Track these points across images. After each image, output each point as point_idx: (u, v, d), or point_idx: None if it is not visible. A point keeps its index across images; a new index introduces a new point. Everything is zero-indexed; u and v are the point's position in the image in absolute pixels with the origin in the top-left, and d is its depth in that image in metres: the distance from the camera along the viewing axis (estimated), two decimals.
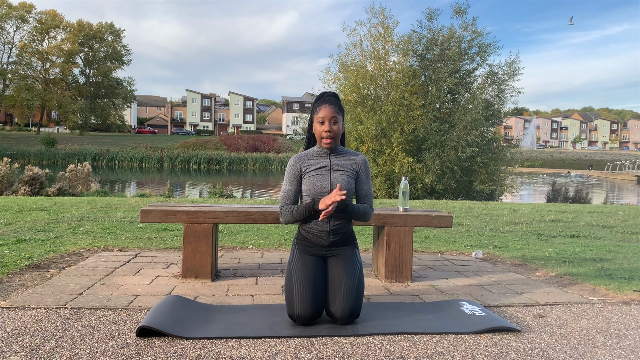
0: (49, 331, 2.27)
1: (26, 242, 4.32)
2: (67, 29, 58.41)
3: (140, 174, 34.24)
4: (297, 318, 2.42)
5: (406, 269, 3.42)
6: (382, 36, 16.50)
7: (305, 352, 2.13)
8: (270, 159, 44.94)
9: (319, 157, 2.63)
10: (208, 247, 3.27)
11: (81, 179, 13.95)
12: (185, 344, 2.18)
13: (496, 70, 16.31)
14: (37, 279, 3.17)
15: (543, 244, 5.17)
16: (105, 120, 61.83)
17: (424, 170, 15.17)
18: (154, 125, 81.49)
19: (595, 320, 2.73)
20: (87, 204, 7.33)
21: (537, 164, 47.63)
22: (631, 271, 3.91)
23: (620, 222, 7.20)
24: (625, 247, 5.07)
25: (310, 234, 2.60)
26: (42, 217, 5.86)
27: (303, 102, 76.95)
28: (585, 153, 74.56)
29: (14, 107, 56.36)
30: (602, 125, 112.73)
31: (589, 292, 3.32)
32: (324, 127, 2.56)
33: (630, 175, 44.34)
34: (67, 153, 41.41)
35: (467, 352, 2.19)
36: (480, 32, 16.24)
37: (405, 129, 15.44)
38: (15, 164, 13.20)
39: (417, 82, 16.16)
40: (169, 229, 5.34)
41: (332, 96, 2.63)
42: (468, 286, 3.39)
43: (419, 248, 4.78)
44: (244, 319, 2.51)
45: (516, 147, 18.65)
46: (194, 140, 55.99)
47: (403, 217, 3.38)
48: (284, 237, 5.14)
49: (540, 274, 3.84)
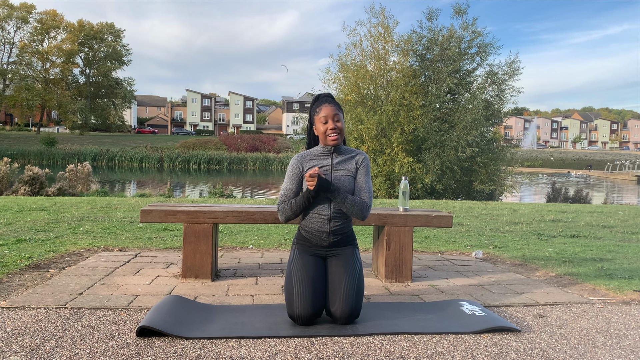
0: (49, 331, 2.27)
1: (26, 242, 4.32)
2: (67, 29, 58.39)
3: (140, 174, 34.24)
4: (297, 318, 2.42)
5: (406, 268, 3.42)
6: (382, 36, 16.51)
7: (305, 352, 2.13)
8: (270, 158, 44.94)
9: (321, 157, 2.63)
10: (208, 247, 3.27)
11: (81, 179, 13.96)
12: (185, 344, 2.18)
13: (496, 70, 16.35)
14: (37, 279, 3.17)
15: (543, 244, 5.17)
16: (105, 120, 61.82)
17: (424, 170, 15.17)
18: (154, 125, 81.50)
19: (595, 320, 2.73)
20: (87, 204, 7.33)
21: (537, 164, 47.61)
22: (631, 271, 3.91)
23: (620, 222, 7.20)
24: (625, 247, 5.07)
25: (311, 234, 2.60)
26: (42, 217, 5.87)
27: (303, 102, 77.05)
28: (586, 153, 74.56)
29: (14, 107, 56.37)
30: (602, 125, 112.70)
31: (589, 292, 3.32)
32: (328, 125, 2.56)
33: (630, 175, 44.34)
34: (67, 153, 41.43)
35: (467, 352, 2.19)
36: (480, 32, 16.27)
37: (405, 128, 15.45)
38: (15, 164, 13.21)
39: (417, 82, 16.17)
40: (169, 229, 5.34)
41: (329, 96, 2.66)
42: (468, 286, 3.39)
43: (419, 248, 4.78)
44: (244, 319, 2.51)
45: (516, 147, 18.66)
46: (194, 140, 55.98)
47: (403, 217, 3.38)
48: (284, 237, 5.14)
49: (540, 274, 3.84)
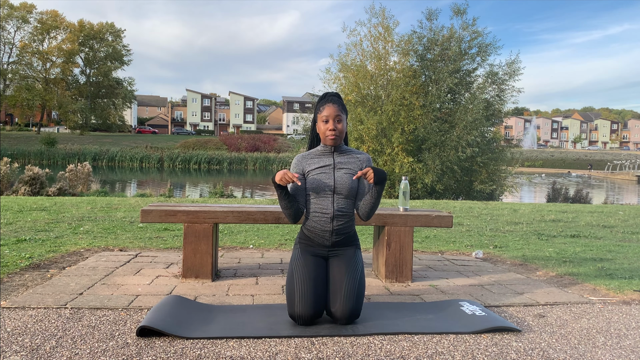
0: (49, 331, 2.27)
1: (26, 242, 4.32)
2: (67, 29, 58.38)
3: (141, 174, 34.23)
4: (298, 318, 2.42)
5: (406, 268, 3.42)
6: (382, 36, 16.51)
7: (306, 352, 2.13)
8: (271, 158, 44.92)
9: (323, 156, 2.64)
10: (208, 247, 3.27)
11: (81, 179, 13.96)
12: (185, 344, 2.18)
13: (496, 70, 16.35)
14: (38, 279, 3.17)
15: (543, 244, 5.17)
16: (106, 120, 61.78)
17: (424, 170, 15.17)
18: (154, 125, 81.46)
19: (596, 320, 2.73)
20: (87, 204, 7.33)
21: (538, 164, 47.63)
22: (631, 271, 3.91)
23: (621, 222, 7.20)
24: (626, 247, 5.07)
25: (313, 234, 2.60)
26: (42, 217, 5.87)
27: (303, 102, 76.91)
28: (586, 153, 74.53)
29: (15, 107, 56.36)
30: (603, 125, 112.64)
31: (589, 292, 3.32)
32: (328, 125, 2.57)
33: (630, 175, 44.30)
34: (67, 153, 41.42)
35: (467, 352, 2.19)
36: (480, 32, 16.27)
37: (405, 128, 15.45)
38: (15, 164, 13.24)
39: (418, 82, 16.17)
40: (169, 229, 5.34)
41: (335, 96, 2.65)
42: (468, 286, 3.39)
43: (419, 248, 4.78)
44: (244, 318, 2.51)
45: (516, 147, 18.67)
46: (194, 140, 55.97)
47: (403, 217, 3.38)
48: (284, 237, 5.14)
49: (541, 273, 3.84)
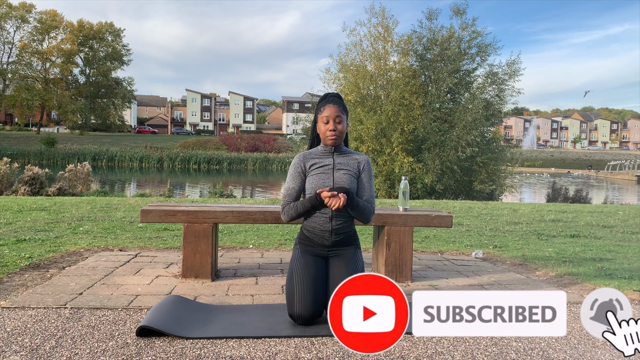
0: (49, 331, 2.27)
1: (26, 242, 4.32)
2: (67, 29, 58.35)
3: (140, 174, 34.22)
4: (298, 318, 2.43)
5: (406, 268, 3.42)
6: (382, 36, 16.52)
7: (306, 352, 2.13)
8: (270, 158, 44.91)
9: (323, 156, 2.64)
10: (208, 247, 3.27)
11: (81, 179, 13.95)
12: (185, 343, 2.18)
13: (496, 70, 16.36)
14: (37, 279, 3.17)
15: (543, 244, 5.17)
16: (105, 120, 61.72)
17: (424, 170, 15.18)
18: (154, 125, 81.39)
19: None
20: (87, 204, 7.32)
21: (537, 164, 47.62)
22: (631, 271, 3.91)
23: (620, 222, 7.20)
24: (625, 247, 5.07)
25: (313, 234, 2.60)
26: (42, 217, 5.86)
27: (303, 102, 76.92)
28: (586, 153, 74.53)
29: (14, 107, 56.29)
30: (602, 125, 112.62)
31: (589, 291, 3.31)
32: (328, 126, 2.58)
33: (630, 175, 44.32)
34: (67, 153, 41.35)
35: (467, 351, 2.19)
36: (480, 32, 16.29)
37: (405, 128, 15.45)
38: (15, 164, 13.22)
39: (417, 82, 16.17)
40: (169, 229, 5.34)
41: (336, 97, 2.65)
42: (468, 286, 3.39)
43: (419, 248, 4.78)
44: (244, 318, 2.51)
45: (516, 147, 18.68)
46: (194, 140, 55.94)
47: (403, 217, 3.38)
48: (284, 237, 5.14)
49: (540, 273, 3.84)
